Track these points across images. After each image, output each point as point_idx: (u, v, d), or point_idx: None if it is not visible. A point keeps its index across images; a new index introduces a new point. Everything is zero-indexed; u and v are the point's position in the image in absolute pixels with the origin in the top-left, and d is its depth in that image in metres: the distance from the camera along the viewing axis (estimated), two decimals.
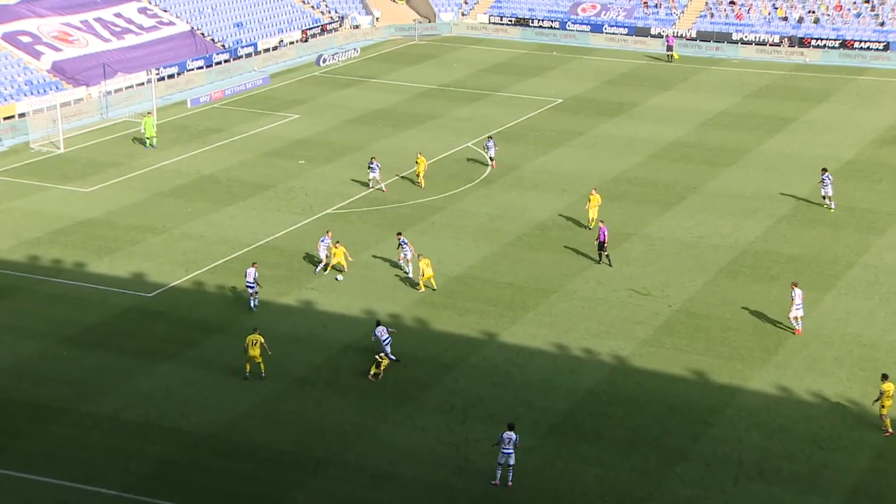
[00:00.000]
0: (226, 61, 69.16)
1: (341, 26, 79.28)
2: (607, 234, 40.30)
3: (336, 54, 73.16)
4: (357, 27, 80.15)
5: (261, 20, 74.98)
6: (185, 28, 70.23)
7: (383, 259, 40.82)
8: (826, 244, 42.52)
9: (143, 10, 69.96)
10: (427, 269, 37.79)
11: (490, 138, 51.76)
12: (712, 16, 79.72)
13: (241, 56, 70.30)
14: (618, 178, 50.39)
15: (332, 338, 34.71)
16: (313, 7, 79.77)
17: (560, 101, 63.81)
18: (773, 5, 79.24)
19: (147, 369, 32.71)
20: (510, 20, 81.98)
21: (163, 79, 63.58)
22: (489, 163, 50.87)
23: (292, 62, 72.57)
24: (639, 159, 53.15)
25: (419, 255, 38.51)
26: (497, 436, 27.73)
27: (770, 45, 75.78)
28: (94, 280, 38.49)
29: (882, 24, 75.89)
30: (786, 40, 75.50)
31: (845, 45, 74.38)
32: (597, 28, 79.73)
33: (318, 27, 77.09)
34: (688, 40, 77.52)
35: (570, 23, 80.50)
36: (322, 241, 39.44)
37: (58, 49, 62.51)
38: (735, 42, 76.74)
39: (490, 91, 65.61)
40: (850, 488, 27.62)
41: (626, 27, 79.29)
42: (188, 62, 66.53)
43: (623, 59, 74.68)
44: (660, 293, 38.31)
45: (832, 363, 33.44)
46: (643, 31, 78.70)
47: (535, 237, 43.16)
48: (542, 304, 37.44)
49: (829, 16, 77.60)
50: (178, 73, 65.60)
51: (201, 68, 67.23)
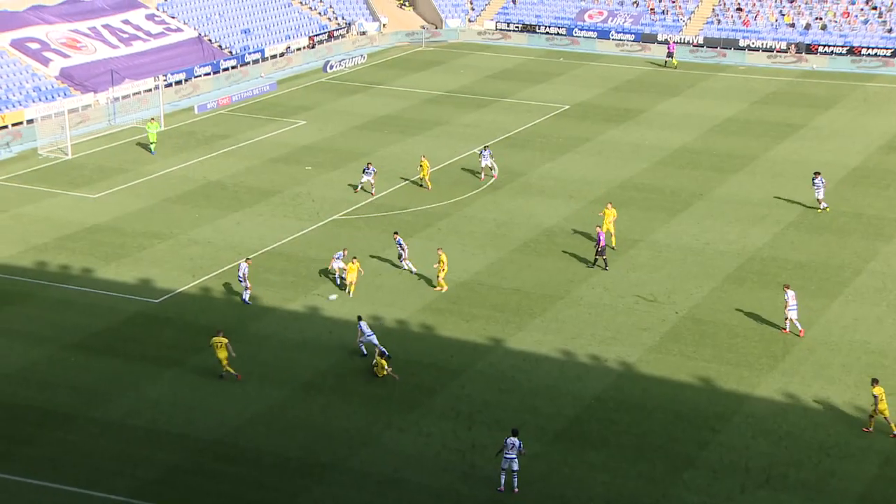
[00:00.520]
0: (233, 67, 69.34)
1: (348, 32, 79.43)
2: (605, 239, 40.48)
3: (343, 60, 73.29)
4: (364, 33, 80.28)
5: (268, 26, 75.16)
6: (193, 34, 70.42)
7: (390, 265, 40.84)
8: (833, 251, 42.43)
9: (150, 17, 70.18)
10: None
11: (486, 148, 50.88)
12: (719, 22, 79.70)
13: (249, 62, 70.50)
14: (624, 185, 50.36)
15: (338, 343, 34.73)
16: (320, 14, 79.95)
17: (567, 107, 63.84)
18: (781, 12, 79.22)
19: (154, 375, 32.75)
20: (517, 26, 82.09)
21: (170, 85, 63.77)
22: (481, 172, 50.14)
23: (299, 68, 72.72)
24: (645, 165, 53.13)
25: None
26: (502, 442, 27.68)
27: (777, 51, 75.75)
28: (102, 286, 38.58)
29: (890, 30, 75.81)
30: (793, 47, 75.46)
31: (853, 51, 74.31)
32: (603, 34, 79.81)
33: (325, 33, 77.28)
34: (694, 46, 77.52)
35: (576, 29, 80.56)
36: (336, 256, 38.96)
37: (66, 55, 62.72)
38: (742, 48, 76.73)
39: (497, 97, 65.66)
40: (858, 496, 27.52)
41: (633, 33, 79.33)
42: (195, 68, 66.73)
43: (630, 66, 74.68)
44: (666, 299, 38.26)
45: (840, 370, 33.35)
46: (650, 38, 78.72)
47: (541, 243, 43.15)
48: (549, 310, 37.42)
49: (836, 22, 77.55)
50: (186, 80, 65.77)
51: (208, 74, 67.42)
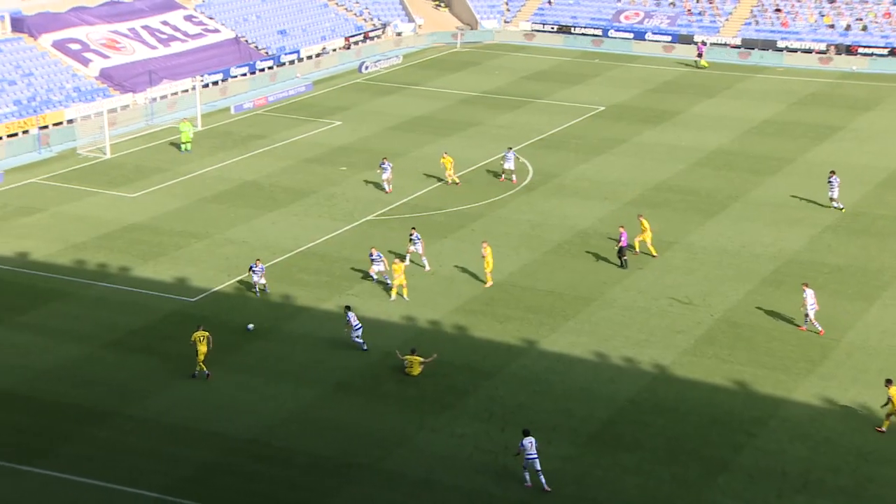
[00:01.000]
0: (269, 68, 69.72)
1: (384, 33, 79.59)
2: (627, 238, 40.37)
3: (378, 61, 73.44)
4: (399, 34, 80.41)
5: (304, 27, 75.50)
6: (230, 35, 70.89)
7: (423, 265, 40.79)
8: (871, 254, 41.87)
9: (189, 18, 70.73)
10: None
11: (510, 150, 50.64)
12: (757, 23, 78.96)
13: (285, 63, 70.84)
14: (660, 186, 50.03)
15: (372, 344, 34.77)
16: (356, 14, 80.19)
17: (602, 108, 63.55)
18: (820, 13, 78.34)
19: (189, 373, 32.96)
20: (553, 27, 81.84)
21: (207, 85, 64.23)
22: (501, 174, 49.97)
23: (335, 69, 72.98)
24: (681, 167, 52.76)
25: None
26: (530, 444, 27.53)
27: (816, 52, 74.93)
28: (139, 284, 38.92)
29: None
30: (832, 48, 74.58)
31: (894, 52, 73.32)
32: (640, 35, 79.35)
33: (360, 34, 77.49)
34: (732, 48, 76.88)
35: (612, 30, 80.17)
36: (373, 258, 38.80)
37: (105, 56, 63.37)
38: (780, 50, 75.98)
39: (532, 98, 65.49)
40: None
41: (670, 34, 78.79)
42: (232, 69, 67.16)
43: (666, 67, 74.20)
44: (701, 302, 37.95)
45: (877, 375, 32.87)
46: (686, 39, 78.14)
47: (575, 245, 42.97)
48: (583, 312, 37.24)
49: (877, 23, 76.55)
50: (223, 80, 66.22)
51: (245, 75, 67.83)
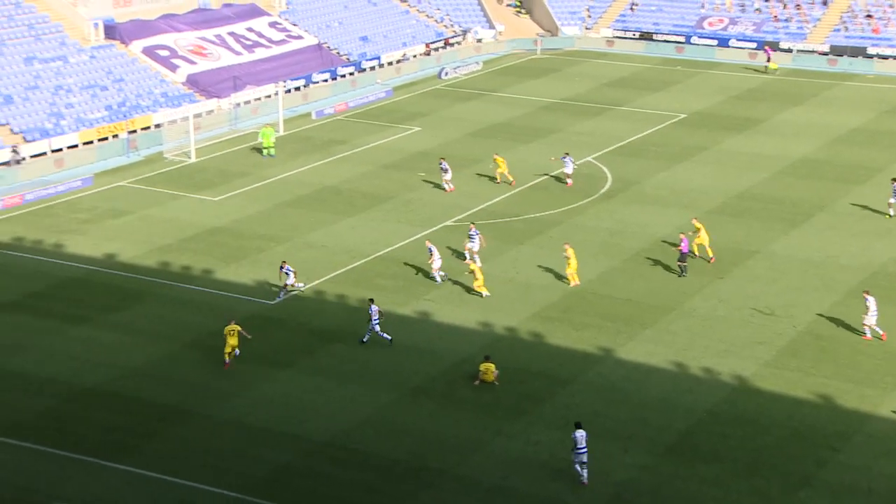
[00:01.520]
0: (350, 74, 70.43)
1: (464, 40, 79.81)
2: (687, 245, 40.06)
3: (458, 67, 73.66)
4: (480, 41, 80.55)
5: (385, 34, 76.10)
6: (313, 42, 71.82)
7: (501, 272, 40.78)
8: None
9: (273, 25, 71.86)
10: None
11: (567, 154, 50.53)
12: (847, 29, 77.13)
13: (366, 69, 71.49)
14: (742, 195, 49.20)
15: (449, 349, 34.83)
16: (437, 21, 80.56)
17: (684, 115, 62.75)
18: None
19: (268, 375, 33.45)
20: (634, 34, 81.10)
21: (289, 91, 65.14)
22: (566, 179, 49.99)
23: (415, 75, 73.41)
24: (765, 175, 51.79)
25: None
26: (581, 438, 27.44)
27: None
28: (220, 286, 39.62)
29: None
30: None
31: None
32: (723, 42, 78.12)
33: (441, 41, 77.82)
34: (819, 54, 75.26)
35: (695, 37, 79.11)
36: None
37: (192, 62, 64.70)
38: (871, 56, 74.09)
39: (612, 105, 65.00)
40: None
41: (755, 41, 77.41)
42: (314, 75, 68.01)
43: (750, 74, 72.97)
44: (784, 313, 37.18)
45: None
46: (772, 46, 76.67)
47: (654, 253, 42.47)
48: (661, 321, 36.79)
49: None
50: (305, 86, 67.11)
51: (326, 81, 68.64)
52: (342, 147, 57.00)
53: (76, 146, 54.74)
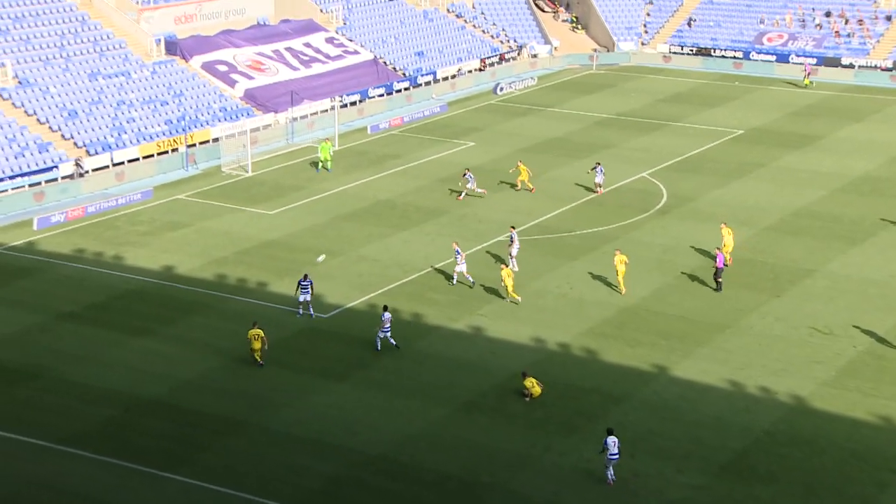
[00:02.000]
0: (405, 89, 70.87)
1: (519, 55, 79.91)
2: (723, 260, 39.96)
3: (513, 83, 73.75)
4: (535, 56, 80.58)
5: (441, 49, 76.49)
6: (369, 57, 72.41)
7: (554, 287, 40.69)
8: None
9: (330, 40, 72.60)
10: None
11: (598, 164, 51.25)
12: None
13: (421, 84, 71.88)
14: (799, 212, 48.57)
15: (501, 364, 34.81)
16: (493, 36, 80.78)
17: (741, 132, 62.15)
18: None
19: (321, 387, 33.70)
20: (691, 49, 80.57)
21: (345, 106, 65.74)
22: (595, 188, 50.83)
23: (470, 90, 73.64)
24: (823, 193, 51.07)
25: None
26: (613, 444, 27.74)
27: None
28: (275, 299, 40.03)
29: None
30: None
31: None
32: (783, 58, 77.29)
33: (496, 56, 78.00)
34: (882, 70, 74.10)
35: (754, 52, 78.36)
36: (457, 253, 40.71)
37: (250, 77, 65.60)
38: None
39: (668, 121, 64.60)
40: None
41: (816, 57, 76.45)
42: (370, 90, 68.56)
43: (810, 90, 72.05)
44: (843, 332, 36.58)
45: None
46: (833, 62, 75.71)
47: (709, 270, 42.02)
48: (716, 338, 36.41)
49: None
50: (360, 101, 67.67)
51: (382, 96, 69.14)
52: (397, 161, 57.35)
53: (137, 160, 55.77)
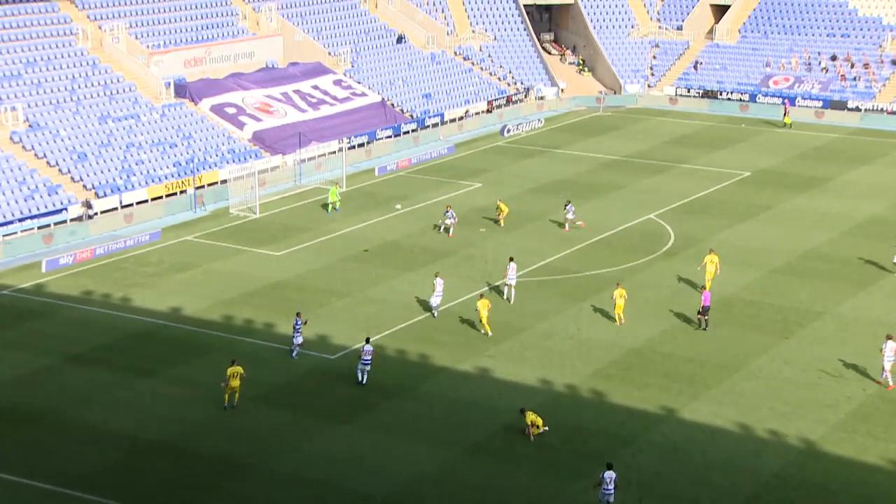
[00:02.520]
0: (413, 131, 71.37)
1: (526, 97, 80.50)
2: (710, 299, 40.25)
3: (520, 124, 74.24)
4: (542, 98, 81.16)
5: (448, 91, 77.09)
6: (377, 99, 73.00)
7: (561, 329, 40.67)
8: None
9: (338, 83, 73.25)
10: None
11: (569, 203, 52.37)
12: None
13: (428, 126, 72.38)
14: (807, 254, 48.60)
15: (508, 406, 34.72)
16: (500, 79, 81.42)
17: (748, 174, 62.37)
18: None
19: (328, 430, 33.63)
20: (698, 92, 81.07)
21: (353, 147, 66.17)
22: (564, 224, 51.89)
23: (477, 132, 74.11)
24: (831, 235, 51.12)
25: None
26: (610, 479, 27.68)
27: None
28: (282, 341, 40.06)
29: None
30: None
31: None
32: (789, 101, 77.64)
33: (503, 98, 78.57)
34: (888, 114, 74.43)
35: (760, 95, 78.81)
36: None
37: (259, 119, 66.14)
38: None
39: (675, 163, 64.88)
40: None
41: (821, 100, 76.86)
42: (377, 131, 69.03)
43: (816, 133, 72.38)
44: (853, 376, 36.46)
45: None
46: (839, 105, 76.07)
47: (717, 312, 42.01)
48: (725, 381, 36.30)
49: None
50: (368, 142, 68.12)
51: (389, 137, 69.61)
52: (404, 202, 57.60)
53: (145, 201, 56.11)
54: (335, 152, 64.58)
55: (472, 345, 39.49)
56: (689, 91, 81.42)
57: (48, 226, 51.92)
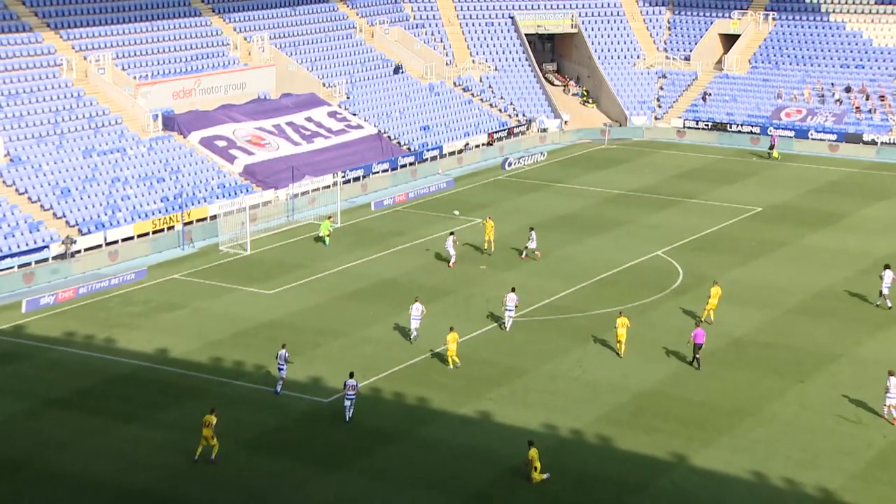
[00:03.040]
0: (411, 164, 71.64)
1: (528, 130, 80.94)
2: (704, 337, 40.43)
3: (522, 158, 74.56)
4: (545, 131, 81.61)
5: (447, 123, 77.52)
6: (373, 131, 73.37)
7: (566, 371, 40.59)
8: None
9: (333, 115, 73.64)
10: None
11: (532, 229, 53.80)
12: None
13: (427, 159, 72.68)
14: (823, 293, 48.62)
15: (510, 452, 34.55)
16: (501, 110, 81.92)
17: (760, 209, 62.56)
18: None
19: (321, 477, 33.44)
20: (706, 124, 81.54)
21: (348, 181, 66.39)
22: (523, 252, 53.52)
23: (477, 165, 74.43)
24: (848, 273, 51.19)
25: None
26: None
27: None
28: (274, 384, 39.89)
29: None
30: None
31: None
32: (802, 133, 78.11)
33: (504, 130, 79.00)
34: None
35: (772, 127, 79.25)
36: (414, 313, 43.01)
37: (250, 153, 66.37)
38: None
39: (683, 198, 65.10)
40: None
41: (836, 133, 77.27)
42: (374, 165, 69.30)
43: (831, 167, 72.71)
44: (873, 421, 36.34)
45: None
46: (854, 138, 76.48)
47: (730, 353, 41.98)
48: (738, 426, 36.17)
49: None
50: (364, 176, 68.37)
51: (386, 171, 69.87)
52: (401, 238, 57.71)
53: (131, 238, 56.19)
54: (329, 187, 64.83)
55: (472, 387, 39.40)
56: (697, 123, 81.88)
57: (29, 264, 51.96)
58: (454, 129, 77.20)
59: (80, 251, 53.98)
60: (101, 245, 54.98)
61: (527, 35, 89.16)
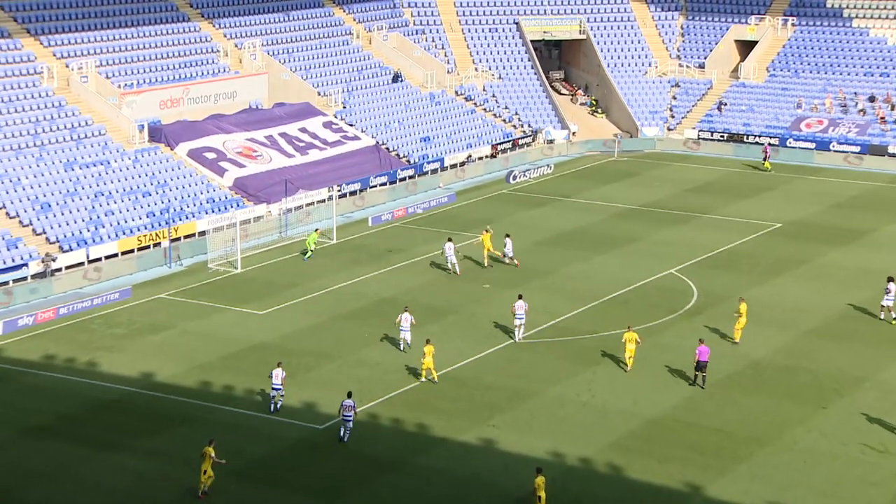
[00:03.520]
0: (410, 177, 71.81)
1: (534, 141, 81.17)
2: (708, 354, 40.69)
3: (528, 171, 74.76)
4: (552, 142, 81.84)
5: (449, 134, 77.76)
6: (370, 143, 73.59)
7: (574, 395, 40.62)
8: None
9: (328, 125, 73.87)
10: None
11: (507, 235, 55.76)
12: None
13: (427, 172, 72.88)
14: (846, 314, 48.66)
15: (514, 482, 34.56)
16: (505, 121, 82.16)
17: (778, 225, 62.68)
18: None
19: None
20: (722, 136, 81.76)
21: (344, 195, 66.57)
22: (503, 257, 54.97)
23: (480, 179, 74.62)
24: (872, 293, 51.22)
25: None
26: None
27: None
28: (265, 409, 39.93)
29: None
30: None
31: None
32: (823, 145, 78.29)
33: (509, 142, 79.24)
34: None
35: (791, 139, 79.46)
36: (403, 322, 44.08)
37: (241, 165, 66.53)
38: None
39: (697, 213, 65.23)
40: None
41: (859, 144, 77.44)
42: (371, 178, 69.47)
43: (854, 181, 72.88)
44: None
45: None
46: (878, 150, 76.64)
47: (747, 377, 42.00)
48: (756, 455, 36.18)
49: None
50: (361, 190, 68.53)
51: (384, 185, 70.04)
52: (400, 256, 57.82)
53: (115, 255, 56.31)
54: (325, 201, 64.98)
55: (474, 413, 39.41)
56: (712, 134, 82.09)
57: (6, 283, 52.07)
58: (456, 140, 77.42)
59: (60, 269, 54.11)
60: (83, 263, 55.12)
61: (532, 42, 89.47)
